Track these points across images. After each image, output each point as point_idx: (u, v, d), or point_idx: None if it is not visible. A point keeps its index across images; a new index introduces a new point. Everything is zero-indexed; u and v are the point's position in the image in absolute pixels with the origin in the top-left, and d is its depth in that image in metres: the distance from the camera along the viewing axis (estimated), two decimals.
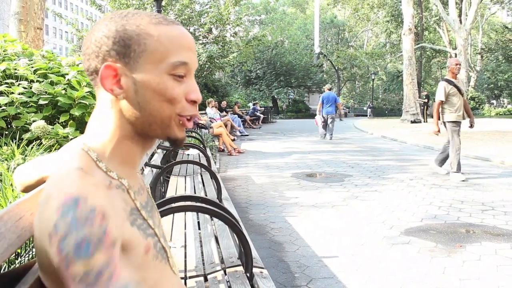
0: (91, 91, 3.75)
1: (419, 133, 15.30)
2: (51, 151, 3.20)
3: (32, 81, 3.74)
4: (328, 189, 5.92)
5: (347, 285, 2.82)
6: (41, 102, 3.57)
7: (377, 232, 3.96)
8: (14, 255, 1.66)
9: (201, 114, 12.35)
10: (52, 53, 4.61)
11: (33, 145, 3.21)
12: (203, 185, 4.23)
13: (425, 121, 23.21)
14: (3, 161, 2.90)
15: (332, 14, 52.32)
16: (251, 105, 24.15)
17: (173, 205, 1.87)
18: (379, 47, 45.73)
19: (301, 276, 2.98)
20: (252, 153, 10.38)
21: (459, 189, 5.78)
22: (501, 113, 37.07)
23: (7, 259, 1.46)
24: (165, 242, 0.85)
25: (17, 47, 4.43)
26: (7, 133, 3.45)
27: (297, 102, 36.47)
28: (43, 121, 3.38)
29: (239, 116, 18.23)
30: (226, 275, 1.94)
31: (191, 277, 1.98)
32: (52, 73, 3.87)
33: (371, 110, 38.72)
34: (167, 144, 0.85)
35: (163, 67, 0.75)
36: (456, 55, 30.86)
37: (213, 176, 3.54)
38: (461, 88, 6.57)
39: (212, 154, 8.10)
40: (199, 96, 0.79)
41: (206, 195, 3.70)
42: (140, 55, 0.74)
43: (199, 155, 6.12)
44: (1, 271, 1.26)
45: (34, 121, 3.40)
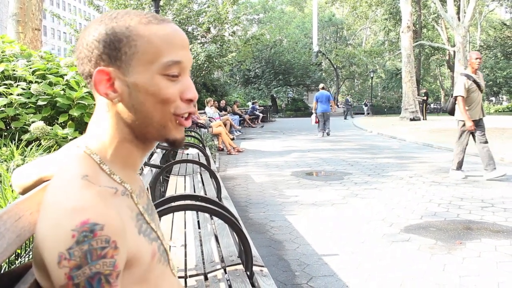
0: (90, 92, 3.74)
1: (418, 130, 15.31)
2: (50, 151, 3.20)
3: (30, 82, 3.74)
4: (327, 187, 5.92)
5: (347, 282, 2.82)
6: (40, 103, 3.56)
7: (377, 229, 3.96)
8: (14, 255, 1.66)
9: (200, 113, 12.35)
10: (50, 54, 4.60)
11: (32, 146, 3.21)
12: (203, 184, 4.23)
13: (424, 119, 23.20)
14: (2, 162, 2.90)
15: (330, 12, 52.27)
16: (250, 104, 24.16)
17: (173, 204, 1.87)
18: (377, 45, 45.68)
19: (301, 274, 2.98)
20: (251, 152, 10.38)
21: (458, 186, 5.78)
22: (500, 110, 37.10)
23: (7, 259, 1.46)
24: (166, 243, 0.86)
25: (15, 48, 4.42)
26: (6, 134, 3.45)
27: (296, 100, 36.45)
28: (42, 122, 3.37)
29: (238, 115, 18.23)
30: (226, 273, 1.94)
31: (191, 276, 1.98)
32: (50, 74, 3.86)
33: (367, 108, 38.83)
34: (166, 143, 0.84)
35: (156, 68, 0.74)
36: (454, 52, 30.88)
37: (213, 175, 3.54)
38: (481, 84, 6.18)
39: (211, 153, 8.11)
40: (195, 94, 0.78)
41: (205, 194, 3.70)
42: (131, 57, 0.74)
43: (198, 154, 6.12)
44: (1, 271, 1.26)
45: (33, 122, 3.40)
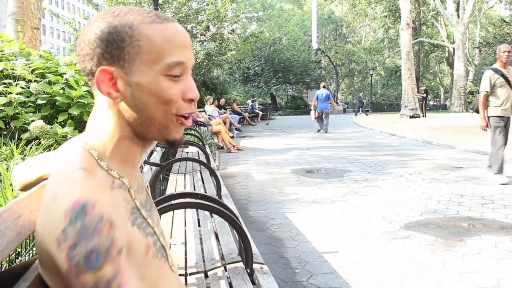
0: (89, 90, 3.74)
1: (418, 128, 15.31)
2: (50, 150, 3.20)
3: (30, 81, 3.74)
4: (327, 184, 5.92)
5: (347, 280, 2.83)
6: (39, 101, 3.57)
7: (377, 227, 3.97)
8: (14, 254, 1.66)
9: (200, 111, 12.35)
10: (49, 53, 4.60)
11: (32, 145, 3.22)
12: (203, 183, 4.24)
13: (424, 116, 23.20)
14: (2, 161, 2.90)
15: (329, 10, 52.19)
16: (249, 102, 24.15)
17: (173, 202, 1.88)
18: (377, 42, 45.66)
19: (301, 271, 2.99)
20: (251, 150, 10.38)
21: (458, 183, 5.79)
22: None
23: (8, 258, 1.47)
24: (164, 240, 0.86)
25: (14, 47, 4.42)
26: (5, 133, 3.45)
27: (296, 98, 36.43)
28: (42, 120, 3.38)
29: (237, 113, 18.23)
30: (226, 271, 1.95)
31: (191, 274, 1.99)
32: (49, 73, 3.86)
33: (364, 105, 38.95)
34: (165, 144, 0.85)
35: (159, 68, 0.74)
36: (454, 49, 30.89)
37: (213, 173, 3.54)
38: (511, 79, 5.73)
39: (211, 151, 8.11)
40: (197, 94, 0.78)
41: (205, 192, 3.70)
42: (134, 57, 0.73)
43: (198, 152, 6.12)
44: (2, 269, 1.26)
45: (32, 121, 3.40)
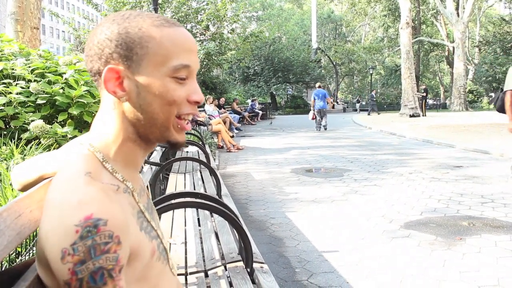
0: (89, 90, 3.74)
1: (418, 127, 15.31)
2: (50, 150, 3.20)
3: (29, 80, 3.74)
4: (327, 184, 5.93)
5: (347, 279, 2.83)
6: (39, 101, 3.56)
7: (377, 226, 3.97)
8: (14, 254, 1.66)
9: (200, 111, 12.34)
10: (49, 53, 4.60)
11: (32, 145, 3.21)
12: (203, 182, 4.23)
13: (423, 115, 23.21)
14: (2, 160, 2.90)
15: (329, 9, 52.15)
16: (249, 101, 24.15)
17: (173, 201, 1.88)
18: (376, 41, 45.67)
19: (301, 271, 2.99)
20: (251, 149, 10.38)
21: (458, 182, 5.79)
22: None
23: (8, 257, 1.47)
24: (165, 242, 0.87)
25: (14, 47, 4.42)
26: (5, 133, 3.45)
27: (296, 98, 36.42)
28: (42, 120, 3.38)
29: (237, 113, 18.23)
30: (226, 270, 1.95)
31: (191, 273, 1.99)
32: (49, 73, 3.86)
33: (359, 105, 39.17)
34: (167, 145, 0.85)
35: (165, 70, 0.75)
36: (454, 48, 30.89)
37: (213, 172, 3.54)
38: None
39: (211, 151, 8.10)
40: (202, 97, 0.80)
41: (205, 192, 3.70)
42: (142, 58, 0.75)
43: (198, 152, 6.12)
44: (2, 269, 1.26)
45: (32, 120, 3.40)
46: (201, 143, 6.06)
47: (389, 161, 7.87)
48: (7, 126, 3.57)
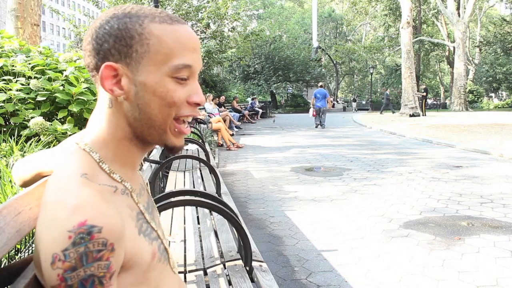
0: (89, 87, 3.74)
1: (418, 126, 15.31)
2: (49, 147, 3.20)
3: (29, 77, 3.73)
4: (327, 183, 5.93)
5: (346, 278, 2.83)
6: (39, 98, 3.56)
7: (376, 225, 3.97)
8: (14, 250, 1.66)
9: (200, 109, 12.33)
10: (49, 50, 4.59)
11: (32, 142, 3.21)
12: (202, 180, 4.23)
13: (423, 115, 23.20)
14: (1, 157, 2.90)
15: (330, 8, 52.15)
16: (249, 100, 24.15)
17: (172, 199, 1.88)
18: (377, 40, 45.60)
19: (300, 269, 2.99)
20: (251, 147, 10.38)
21: (457, 182, 5.79)
22: (499, 106, 37.08)
23: (7, 254, 1.47)
24: (166, 242, 0.85)
25: (14, 44, 4.41)
26: (5, 129, 3.45)
27: (296, 96, 36.44)
28: (41, 117, 3.38)
29: (237, 111, 18.22)
30: (225, 269, 1.95)
31: (190, 271, 1.99)
32: (49, 70, 3.86)
33: (356, 103, 39.42)
34: (164, 148, 0.84)
35: (166, 69, 0.73)
36: (454, 48, 30.87)
37: (212, 170, 3.54)
38: None
39: (211, 149, 8.10)
40: (202, 98, 0.77)
41: (205, 190, 3.70)
42: (142, 55, 0.72)
43: (198, 150, 6.12)
44: (1, 266, 1.26)
45: (32, 117, 3.40)
46: (201, 141, 6.07)
47: (389, 161, 7.88)
48: (7, 123, 3.57)
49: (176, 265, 0.91)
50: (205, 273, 1.97)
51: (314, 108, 16.43)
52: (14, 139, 3.17)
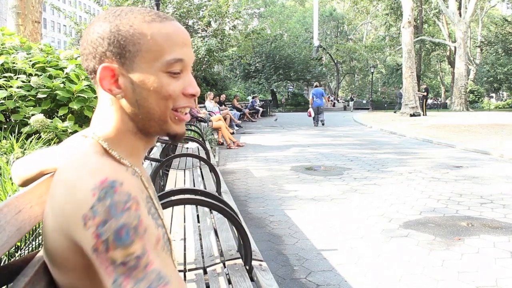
0: (90, 85, 3.74)
1: (418, 126, 15.30)
2: (50, 144, 3.20)
3: (30, 74, 3.73)
4: (327, 182, 5.93)
5: (346, 277, 2.83)
6: (40, 95, 3.56)
7: (376, 225, 3.97)
8: (14, 248, 1.66)
9: (200, 107, 12.34)
10: (50, 47, 4.59)
11: (32, 139, 3.21)
12: (202, 179, 4.23)
13: (424, 115, 23.20)
14: (2, 154, 2.90)
15: (331, 7, 52.07)
16: (250, 98, 24.15)
17: (173, 198, 1.88)
18: (378, 40, 45.59)
19: (300, 269, 2.99)
20: (251, 146, 10.38)
21: (458, 182, 5.79)
22: (500, 107, 37.06)
23: (7, 252, 1.47)
24: (169, 233, 0.87)
25: (15, 41, 4.41)
26: (6, 127, 3.45)
27: (296, 95, 36.40)
28: (42, 114, 3.37)
29: (237, 109, 18.22)
30: (225, 267, 1.95)
31: (190, 270, 1.99)
32: (50, 67, 3.85)
33: (353, 102, 39.53)
34: (167, 137, 0.86)
35: (159, 65, 0.76)
36: (455, 48, 30.85)
37: (212, 169, 3.54)
38: None
39: (211, 147, 8.11)
40: (197, 89, 0.80)
41: (205, 188, 3.70)
42: (135, 55, 0.75)
43: (198, 148, 6.12)
44: (1, 264, 1.26)
45: (33, 114, 3.40)
46: (201, 139, 6.07)
47: (389, 160, 7.88)
48: (8, 120, 3.57)
49: (176, 259, 0.92)
50: (205, 272, 1.97)
51: (312, 107, 16.99)
52: (14, 136, 3.17)
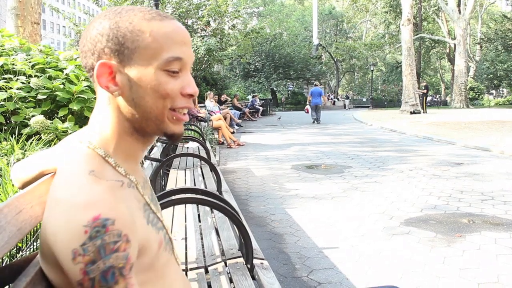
0: (90, 85, 3.74)
1: (419, 124, 15.30)
2: (50, 145, 3.20)
3: (30, 76, 3.73)
4: (328, 180, 5.93)
5: (347, 275, 2.83)
6: (40, 97, 3.56)
7: (377, 223, 3.97)
8: (15, 249, 1.66)
9: (200, 107, 12.33)
10: (49, 48, 4.59)
11: (33, 140, 3.21)
12: (203, 178, 4.24)
13: (424, 112, 23.19)
14: (2, 156, 2.90)
15: (330, 5, 52.06)
16: (250, 97, 24.15)
17: (173, 197, 1.88)
18: (377, 38, 45.53)
19: (301, 267, 2.99)
20: (251, 145, 10.38)
21: (458, 179, 5.79)
22: (500, 103, 37.05)
23: (8, 253, 1.47)
24: (170, 232, 0.89)
25: (14, 42, 4.41)
26: (6, 128, 3.45)
27: (296, 94, 36.41)
28: (42, 116, 3.37)
29: (237, 109, 18.21)
30: (226, 266, 1.95)
31: (192, 269, 1.99)
32: (50, 68, 3.85)
33: (349, 100, 39.58)
34: (165, 137, 0.86)
35: (157, 63, 0.75)
36: (455, 45, 30.83)
37: (213, 168, 3.54)
38: None
39: (211, 147, 8.11)
40: (195, 89, 0.79)
41: (206, 188, 3.70)
42: (133, 51, 0.75)
43: (198, 148, 6.12)
44: (2, 265, 1.26)
45: (33, 116, 3.40)
46: (201, 139, 6.06)
47: (389, 158, 7.87)
48: (8, 121, 3.57)
49: (179, 256, 0.93)
50: (206, 271, 1.97)
51: (310, 105, 18.09)
52: (15, 138, 3.17)
